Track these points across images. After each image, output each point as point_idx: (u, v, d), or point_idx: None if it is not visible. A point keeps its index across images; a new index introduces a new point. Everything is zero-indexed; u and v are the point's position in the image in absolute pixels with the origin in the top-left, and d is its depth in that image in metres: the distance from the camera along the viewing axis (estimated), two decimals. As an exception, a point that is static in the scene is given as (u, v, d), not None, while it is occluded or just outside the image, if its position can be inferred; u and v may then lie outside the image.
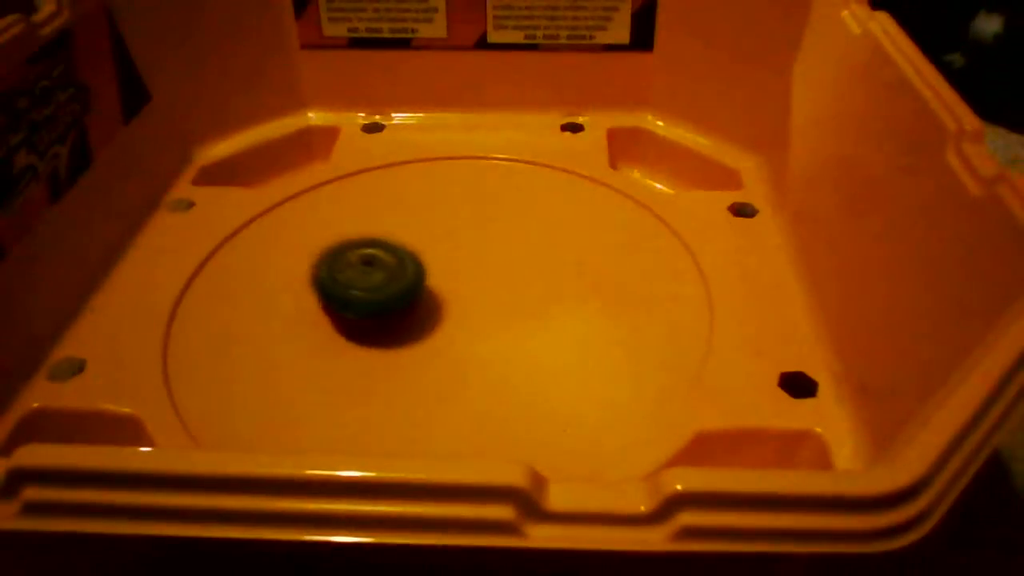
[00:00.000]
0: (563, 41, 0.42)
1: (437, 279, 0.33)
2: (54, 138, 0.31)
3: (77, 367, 0.28)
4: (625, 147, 0.42)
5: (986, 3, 0.46)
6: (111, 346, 0.29)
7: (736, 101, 0.40)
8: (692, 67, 0.41)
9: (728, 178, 0.39)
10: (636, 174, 0.42)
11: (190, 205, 0.37)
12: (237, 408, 0.28)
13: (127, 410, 0.27)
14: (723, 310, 0.31)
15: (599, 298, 0.32)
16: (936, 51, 0.28)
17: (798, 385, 0.28)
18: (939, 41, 0.27)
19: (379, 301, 0.29)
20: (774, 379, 0.28)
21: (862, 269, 0.29)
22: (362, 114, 0.44)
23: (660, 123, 0.42)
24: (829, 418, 0.26)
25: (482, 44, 0.42)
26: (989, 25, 0.46)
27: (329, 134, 0.42)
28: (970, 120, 0.24)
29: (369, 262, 0.30)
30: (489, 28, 0.41)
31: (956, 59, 0.47)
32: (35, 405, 0.27)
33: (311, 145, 0.43)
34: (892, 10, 0.31)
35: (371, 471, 0.16)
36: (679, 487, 0.16)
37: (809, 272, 0.32)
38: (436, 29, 0.42)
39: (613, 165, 0.40)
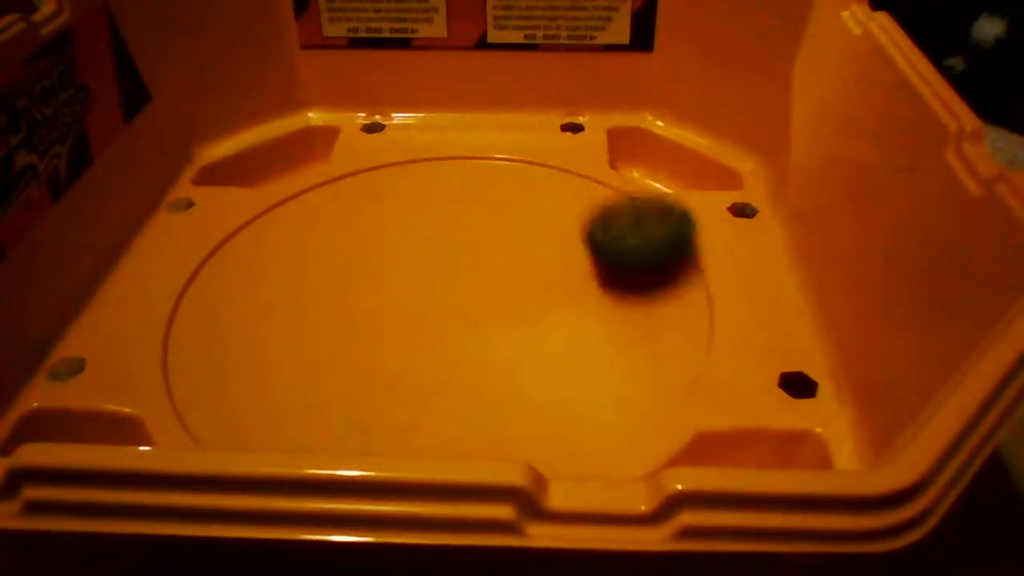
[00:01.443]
0: (563, 41, 0.42)
1: (437, 279, 0.33)
2: (54, 138, 0.31)
3: (77, 367, 0.28)
4: (625, 147, 0.42)
5: (987, 7, 0.46)
6: (111, 346, 0.29)
7: (736, 101, 0.40)
8: (692, 67, 0.41)
9: (728, 178, 0.39)
10: (636, 174, 0.42)
11: (190, 205, 0.37)
12: (237, 408, 0.28)
13: (127, 410, 0.27)
14: (723, 310, 0.31)
15: (599, 298, 0.32)
16: (937, 55, 0.28)
17: (798, 385, 0.28)
18: (940, 45, 0.27)
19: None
20: (774, 379, 0.28)
21: (862, 269, 0.29)
22: (362, 114, 0.44)
23: (660, 123, 0.42)
24: (829, 418, 0.26)
25: (482, 44, 0.42)
26: (990, 29, 0.46)
27: (329, 134, 0.42)
28: (970, 120, 0.24)
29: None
30: (489, 28, 0.41)
31: (957, 63, 0.47)
32: (35, 405, 0.27)
33: (311, 145, 0.43)
34: (894, 12, 0.31)
35: (371, 471, 0.16)
36: (679, 487, 0.16)
37: (809, 272, 0.32)
38: (436, 29, 0.42)
39: (613, 165, 0.40)
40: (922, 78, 0.27)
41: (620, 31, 0.41)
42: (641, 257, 0.30)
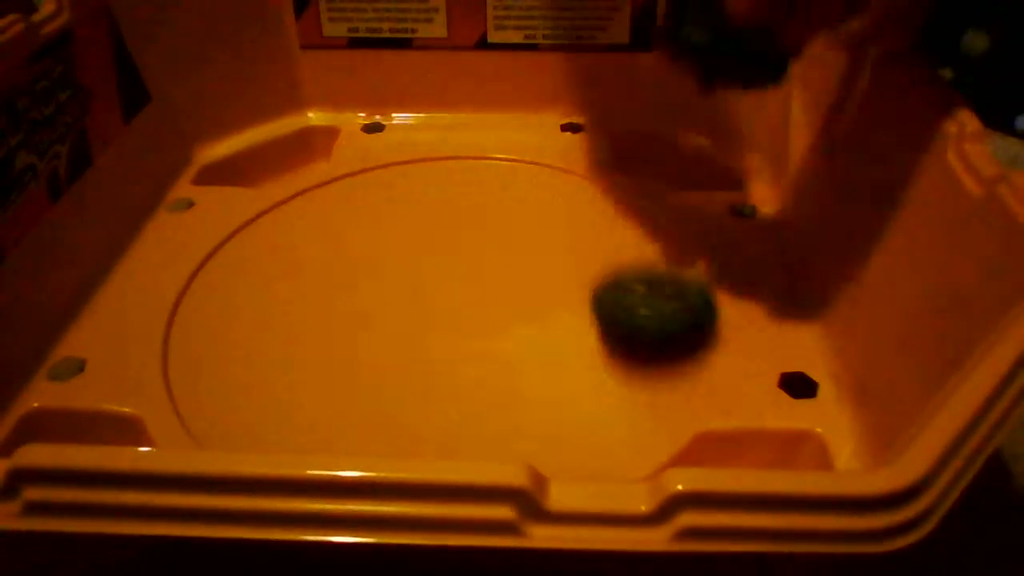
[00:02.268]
0: (563, 41, 0.42)
1: (437, 279, 0.33)
2: (54, 138, 0.31)
3: (77, 367, 0.28)
4: (625, 147, 0.42)
5: (974, 21, 0.48)
6: (111, 346, 0.29)
7: (736, 101, 0.40)
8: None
9: (728, 178, 0.39)
10: (636, 174, 0.42)
11: (190, 205, 0.37)
12: (237, 408, 0.28)
13: (127, 410, 0.27)
14: (724, 311, 0.31)
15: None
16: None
17: (798, 385, 0.28)
18: (931, 56, 0.27)
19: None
20: (774, 379, 0.28)
21: (862, 269, 0.28)
22: (362, 114, 0.44)
23: (660, 123, 0.42)
24: (829, 418, 0.26)
25: (482, 44, 0.42)
26: (977, 42, 0.47)
27: (329, 134, 0.42)
28: (971, 121, 0.24)
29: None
30: (489, 28, 0.41)
31: (946, 73, 0.48)
32: (35, 405, 0.27)
33: (311, 145, 0.43)
34: None
35: (372, 471, 0.16)
36: (680, 487, 0.16)
37: (809, 272, 0.32)
38: (436, 29, 0.42)
39: (613, 165, 0.40)
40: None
41: (620, 31, 0.41)
42: (650, 332, 0.28)
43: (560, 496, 0.16)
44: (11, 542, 0.17)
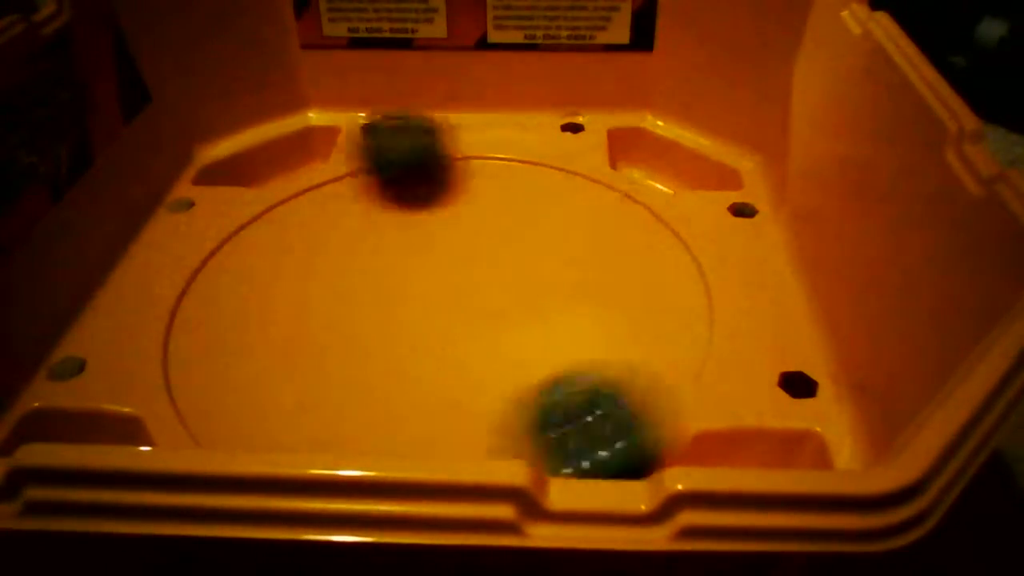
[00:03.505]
0: (563, 41, 0.42)
1: (437, 279, 0.33)
2: (54, 138, 0.31)
3: (77, 367, 0.28)
4: (625, 147, 0.42)
5: (991, 8, 0.47)
6: (111, 346, 0.29)
7: (736, 101, 0.40)
8: (692, 67, 0.41)
9: (728, 178, 0.39)
10: (636, 174, 0.42)
11: (190, 205, 0.37)
12: (237, 408, 0.28)
13: (127, 410, 0.27)
14: (723, 310, 0.31)
15: (599, 298, 0.32)
16: (940, 52, 0.28)
17: (798, 385, 0.28)
18: (943, 44, 0.27)
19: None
20: (774, 379, 0.28)
21: (862, 269, 0.29)
22: (362, 114, 0.43)
23: (660, 123, 0.42)
24: (829, 418, 0.26)
25: (482, 44, 0.42)
26: (994, 29, 0.46)
27: (329, 134, 0.42)
28: (970, 120, 0.24)
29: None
30: (489, 28, 0.41)
31: (959, 61, 0.48)
32: (35, 405, 0.27)
33: (311, 145, 0.43)
34: (895, 12, 0.31)
35: (372, 471, 0.16)
36: (680, 487, 0.16)
37: (809, 272, 0.32)
38: (436, 29, 0.42)
39: (613, 165, 0.40)
40: (922, 77, 0.27)
41: (620, 31, 0.41)
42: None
43: (560, 495, 0.16)
44: (11, 542, 0.17)
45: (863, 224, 0.29)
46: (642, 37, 0.41)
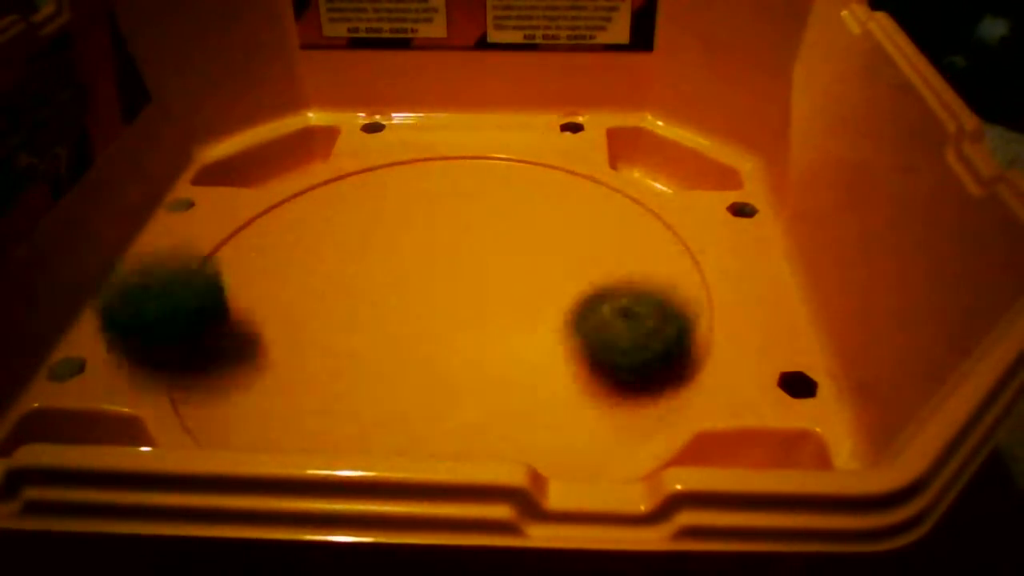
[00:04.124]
0: (563, 41, 0.42)
1: (436, 279, 0.33)
2: (54, 138, 0.31)
3: (77, 367, 0.28)
4: (625, 147, 0.42)
5: (992, 7, 0.47)
6: (111, 346, 0.29)
7: (736, 101, 0.40)
8: (692, 67, 0.41)
9: (728, 178, 0.39)
10: (636, 174, 0.42)
11: (190, 205, 0.37)
12: (237, 408, 0.28)
13: (127, 410, 0.27)
14: (723, 310, 0.31)
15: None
16: (939, 52, 0.28)
17: (798, 385, 0.28)
18: (942, 43, 0.27)
19: None
20: (774, 379, 0.28)
21: (862, 269, 0.29)
22: (362, 114, 0.44)
23: (660, 123, 0.42)
24: (829, 418, 0.26)
25: (482, 44, 0.42)
26: (995, 29, 0.46)
27: (329, 134, 0.42)
28: (970, 120, 0.24)
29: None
30: (489, 28, 0.41)
31: (958, 61, 0.47)
32: (35, 405, 0.27)
33: (311, 145, 0.43)
34: (895, 12, 0.31)
35: (371, 471, 0.16)
36: (678, 487, 0.16)
37: (809, 272, 0.32)
38: (436, 29, 0.42)
39: (613, 165, 0.40)
40: (921, 77, 0.27)
41: (620, 31, 0.41)
42: (630, 369, 0.27)
43: (559, 495, 0.16)
44: (11, 542, 0.17)
45: (862, 224, 0.29)
46: (642, 37, 0.41)
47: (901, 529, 0.16)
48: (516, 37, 0.42)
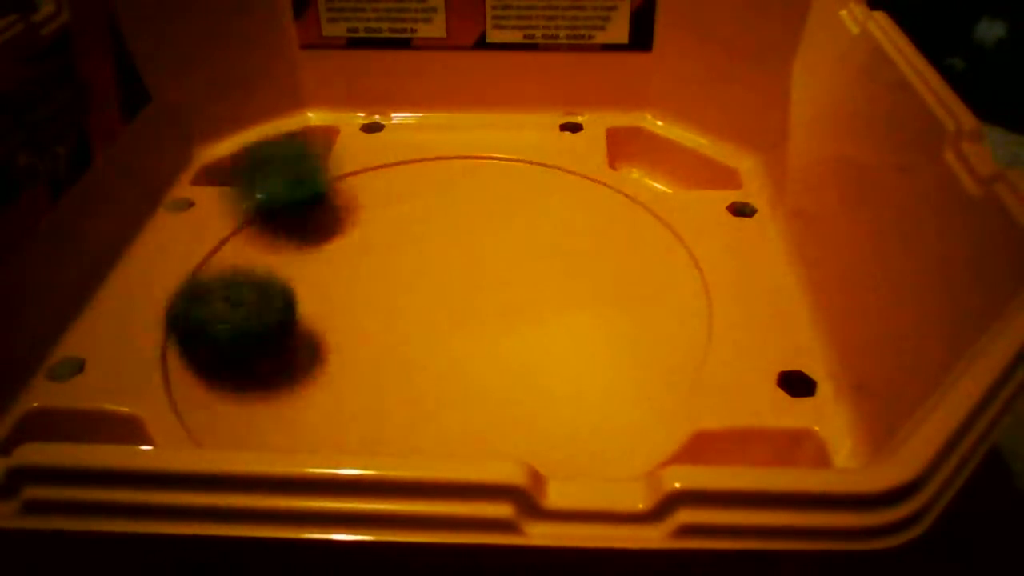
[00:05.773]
0: (562, 41, 0.42)
1: (436, 279, 0.33)
2: (54, 138, 0.31)
3: (77, 367, 0.28)
4: (624, 147, 0.42)
5: (989, 9, 0.47)
6: (111, 346, 0.29)
7: (735, 101, 0.40)
8: (691, 67, 0.41)
9: (727, 178, 0.39)
10: (635, 174, 0.42)
11: (190, 205, 0.37)
12: (237, 408, 0.28)
13: (127, 410, 0.27)
14: (722, 310, 0.31)
15: (598, 298, 0.32)
16: (937, 54, 0.28)
17: (797, 384, 0.28)
18: (940, 45, 0.27)
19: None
20: (773, 378, 0.28)
21: (861, 269, 0.29)
22: (362, 114, 0.44)
23: (659, 123, 0.42)
24: (828, 417, 0.26)
25: (481, 44, 0.42)
26: (992, 30, 0.46)
27: (329, 134, 0.42)
28: (968, 120, 0.25)
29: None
30: (488, 28, 0.41)
31: (957, 62, 0.47)
32: (35, 405, 0.27)
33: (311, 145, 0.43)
34: (893, 12, 0.31)
35: (371, 470, 0.16)
36: (678, 485, 0.16)
37: (808, 272, 0.32)
38: (435, 29, 0.42)
39: (612, 165, 0.40)
40: (920, 77, 0.27)
41: (619, 31, 0.41)
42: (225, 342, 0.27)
43: (558, 494, 0.16)
44: (11, 542, 0.17)
45: (861, 223, 0.29)
46: (641, 37, 0.41)
47: (899, 527, 0.16)
48: (515, 37, 0.42)
